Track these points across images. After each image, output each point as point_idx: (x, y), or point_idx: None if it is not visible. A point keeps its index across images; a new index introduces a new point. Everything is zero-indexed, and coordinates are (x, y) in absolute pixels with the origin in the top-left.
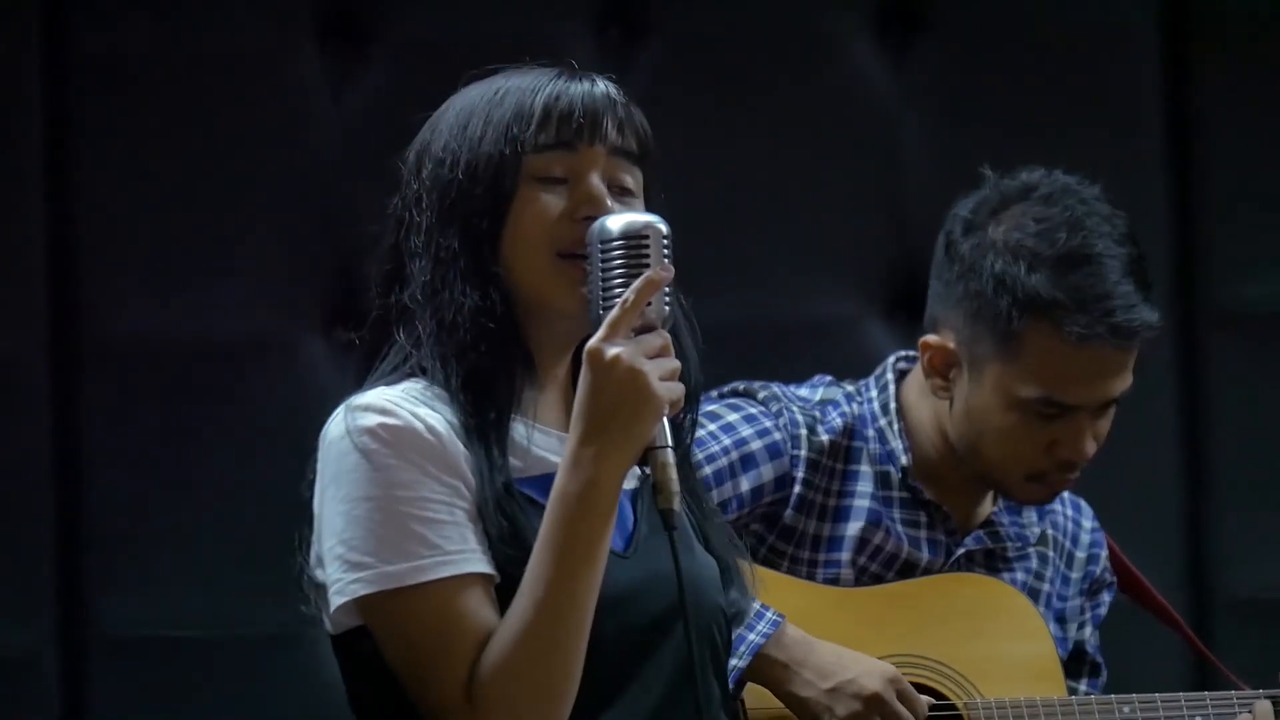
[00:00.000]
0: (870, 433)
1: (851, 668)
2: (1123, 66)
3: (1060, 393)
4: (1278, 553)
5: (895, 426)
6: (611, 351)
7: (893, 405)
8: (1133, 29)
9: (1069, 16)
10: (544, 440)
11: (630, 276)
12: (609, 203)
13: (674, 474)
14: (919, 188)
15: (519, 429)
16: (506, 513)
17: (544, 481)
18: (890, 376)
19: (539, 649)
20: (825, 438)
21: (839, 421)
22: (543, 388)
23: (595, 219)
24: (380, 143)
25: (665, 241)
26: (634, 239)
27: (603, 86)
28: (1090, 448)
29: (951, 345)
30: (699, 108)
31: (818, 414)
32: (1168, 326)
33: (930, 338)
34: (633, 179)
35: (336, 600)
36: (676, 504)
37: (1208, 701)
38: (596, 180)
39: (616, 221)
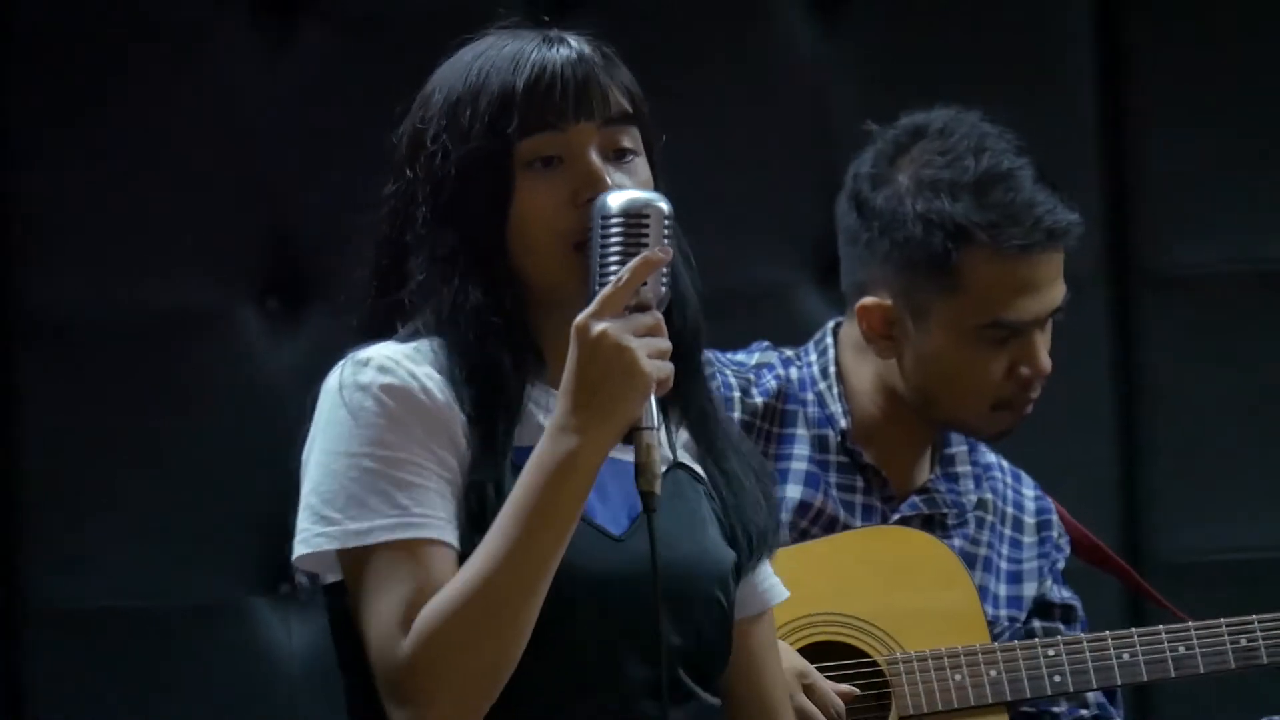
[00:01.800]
0: (809, 396)
1: None
2: (1054, 31)
3: (1007, 312)
4: (1210, 518)
5: (835, 390)
6: (599, 327)
7: (832, 369)
8: None
9: None
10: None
11: (628, 255)
12: (608, 179)
13: (657, 456)
14: (851, 154)
15: (533, 411)
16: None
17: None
18: (830, 341)
19: (484, 607)
20: (759, 400)
21: (773, 384)
22: (553, 379)
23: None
24: (314, 111)
25: (666, 222)
26: (633, 217)
27: (581, 49)
28: (1048, 360)
29: (889, 302)
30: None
31: (751, 377)
32: (1101, 291)
33: (865, 300)
34: (630, 139)
35: (299, 549)
36: (657, 487)
37: (1134, 637)
38: (593, 158)
39: (618, 199)
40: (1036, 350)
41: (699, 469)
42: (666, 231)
